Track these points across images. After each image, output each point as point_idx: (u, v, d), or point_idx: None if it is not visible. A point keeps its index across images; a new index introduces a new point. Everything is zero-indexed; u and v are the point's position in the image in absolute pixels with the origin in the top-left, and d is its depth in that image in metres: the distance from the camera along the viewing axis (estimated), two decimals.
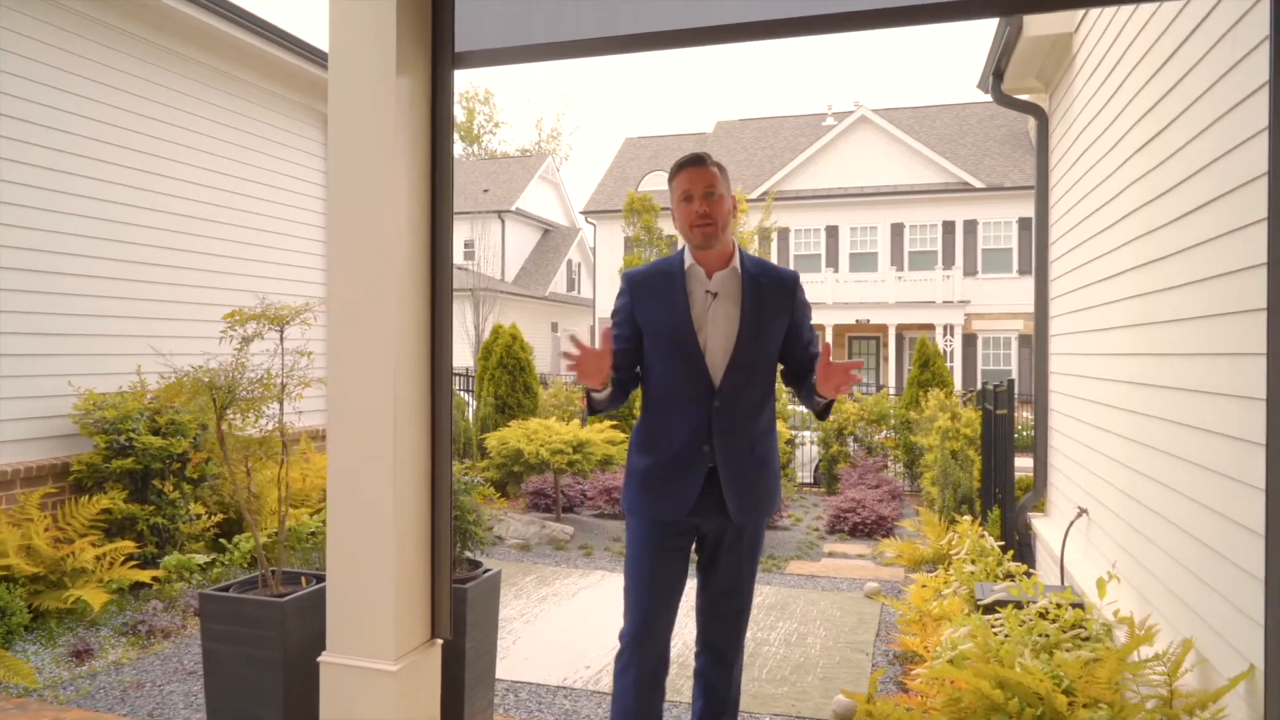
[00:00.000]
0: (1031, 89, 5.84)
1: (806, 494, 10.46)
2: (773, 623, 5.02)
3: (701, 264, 2.48)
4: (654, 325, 2.48)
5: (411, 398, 2.61)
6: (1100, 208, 4.28)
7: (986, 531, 5.79)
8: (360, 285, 2.54)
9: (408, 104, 2.60)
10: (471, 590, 2.96)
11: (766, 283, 2.50)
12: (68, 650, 4.20)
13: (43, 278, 5.02)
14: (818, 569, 6.44)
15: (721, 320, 2.45)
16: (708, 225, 2.42)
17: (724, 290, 2.47)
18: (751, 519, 2.50)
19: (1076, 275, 4.81)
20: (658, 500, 2.47)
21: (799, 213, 22.97)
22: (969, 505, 6.52)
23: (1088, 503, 4.43)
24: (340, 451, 2.55)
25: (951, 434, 7.46)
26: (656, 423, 2.50)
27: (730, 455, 2.44)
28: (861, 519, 7.82)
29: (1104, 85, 4.23)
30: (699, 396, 2.43)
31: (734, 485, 2.44)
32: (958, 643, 3.58)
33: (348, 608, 2.55)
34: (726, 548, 2.52)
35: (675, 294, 2.46)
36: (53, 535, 4.66)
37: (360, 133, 2.56)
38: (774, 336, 2.48)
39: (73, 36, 5.26)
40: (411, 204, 2.62)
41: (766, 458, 2.53)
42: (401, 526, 2.56)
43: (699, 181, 2.43)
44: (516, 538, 7.24)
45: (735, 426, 2.44)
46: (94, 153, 5.39)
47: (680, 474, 2.44)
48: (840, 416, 10.72)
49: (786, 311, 2.51)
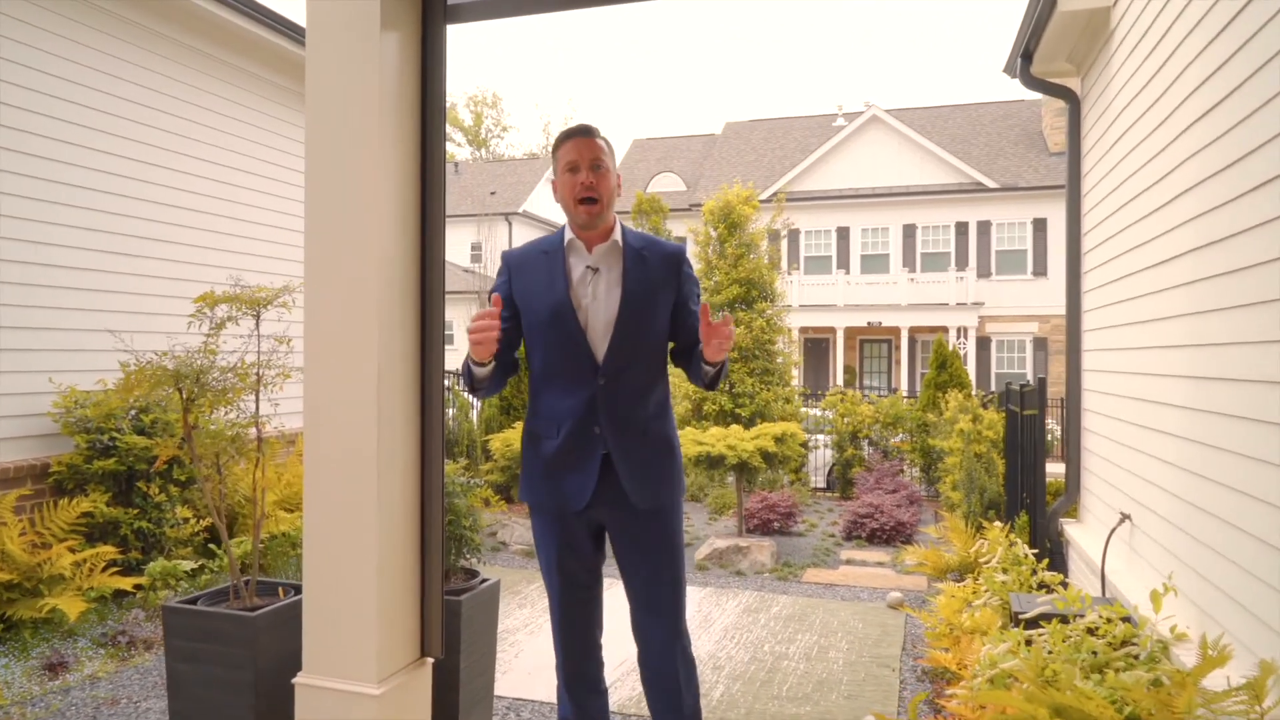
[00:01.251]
0: (1062, 73, 5.55)
1: (820, 499, 10.16)
2: (791, 635, 4.73)
3: (582, 239, 2.39)
4: (534, 305, 2.38)
5: (398, 391, 2.34)
6: (1143, 192, 3.99)
7: (1014, 536, 5.49)
8: (338, 268, 2.27)
9: (395, 63, 2.33)
10: (467, 602, 2.68)
11: (650, 256, 2.41)
12: (41, 663, 3.94)
13: (18, 268, 4.78)
14: (836, 577, 6.15)
15: (603, 296, 2.35)
16: (592, 203, 2.32)
17: (605, 265, 2.38)
18: (654, 502, 2.37)
19: (1115, 265, 4.52)
20: (556, 490, 2.36)
21: (809, 214, 22.66)
22: (995, 510, 6.21)
23: (1131, 508, 4.13)
24: (317, 450, 2.28)
25: (974, 436, 7.15)
26: (544, 408, 2.39)
27: (623, 437, 2.34)
28: (880, 525, 7.51)
29: (1148, 60, 3.95)
30: (583, 377, 2.33)
31: (630, 467, 2.33)
32: (998, 660, 3.29)
33: (326, 623, 2.28)
34: (636, 537, 2.40)
35: (555, 272, 2.37)
36: (30, 540, 4.41)
37: (340, 94, 2.29)
38: (660, 312, 2.39)
39: (42, 11, 4.97)
40: (399, 179, 2.35)
41: (663, 439, 2.42)
42: (386, 532, 2.29)
43: (586, 153, 2.33)
44: (521, 543, 6.96)
45: (624, 407, 2.34)
46: (69, 136, 5.13)
47: (575, 460, 2.34)
48: (855, 419, 10.43)
49: (672, 286, 2.41)
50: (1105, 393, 4.76)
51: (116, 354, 4.89)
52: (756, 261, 10.27)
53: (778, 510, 7.73)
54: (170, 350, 2.65)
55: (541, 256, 2.41)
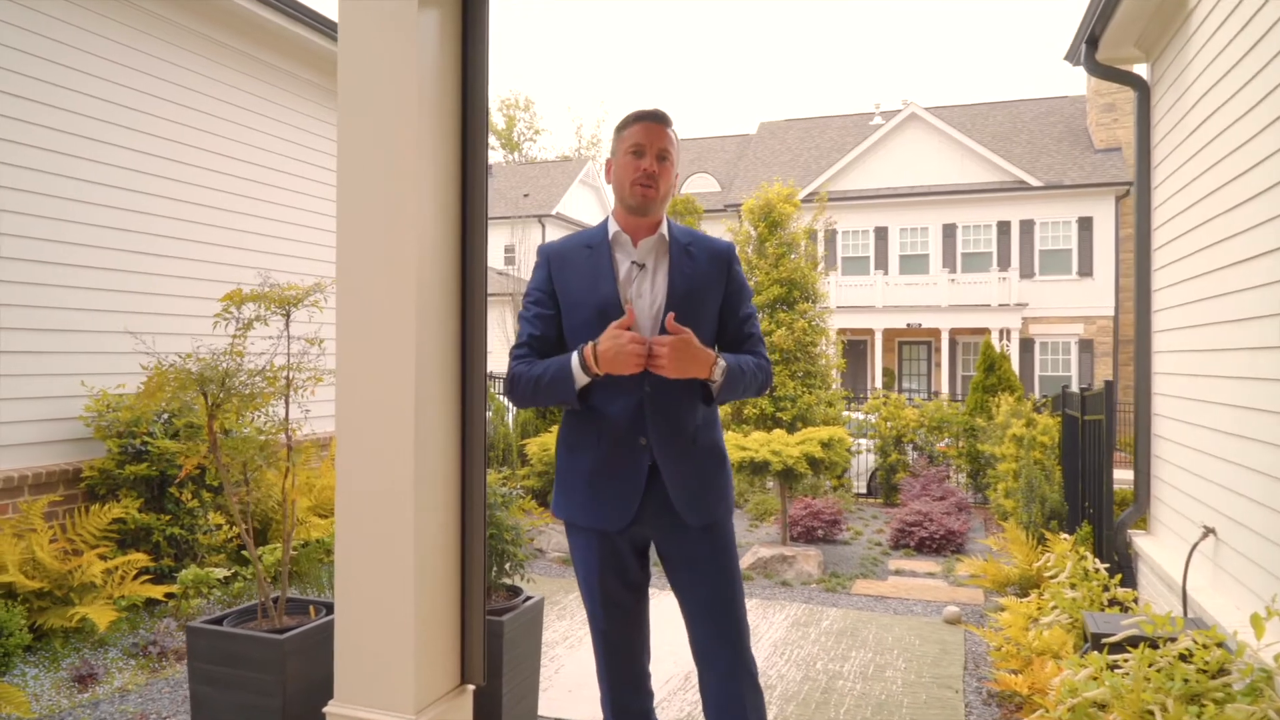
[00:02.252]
0: (1130, 59, 5.26)
1: (864, 505, 9.87)
2: (844, 652, 4.49)
3: (628, 231, 2.22)
4: (577, 303, 2.19)
5: (437, 398, 2.16)
6: (1229, 182, 3.71)
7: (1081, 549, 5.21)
8: (372, 268, 2.10)
9: (434, 43, 2.15)
10: (510, 623, 2.49)
11: (698, 252, 2.24)
12: (70, 674, 3.83)
13: (51, 269, 4.69)
14: (886, 589, 5.89)
15: (648, 293, 2.18)
16: (649, 187, 2.15)
17: (651, 260, 2.21)
18: (706, 517, 2.18)
19: (1192, 262, 4.23)
20: (597, 507, 2.17)
21: (847, 214, 22.29)
22: (1057, 520, 5.92)
23: (1216, 521, 3.84)
24: (350, 461, 2.11)
25: (1029, 442, 6.85)
26: (585, 418, 2.18)
27: (671, 447, 2.15)
28: (929, 534, 7.23)
29: (1235, 40, 3.67)
30: (629, 381, 2.11)
31: (679, 480, 2.14)
32: (1079, 688, 3.04)
33: (359, 648, 2.11)
34: (689, 558, 2.19)
35: (600, 267, 2.19)
36: (61, 547, 4.31)
37: (374, 78, 2.11)
38: (708, 312, 2.22)
39: (71, 6, 4.85)
40: (437, 170, 2.17)
41: (713, 449, 2.23)
42: (424, 549, 2.11)
43: (655, 140, 2.17)
44: (558, 550, 6.78)
45: (673, 414, 2.15)
46: (92, 131, 5.00)
47: (618, 473, 2.15)
48: (898, 423, 10.13)
49: (720, 284, 2.25)
50: (1180, 397, 4.46)
51: (138, 356, 4.78)
52: (797, 261, 10.02)
53: (822, 518, 7.48)
54: (194, 352, 2.50)
55: (584, 251, 2.24)
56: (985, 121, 23.59)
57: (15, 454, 4.44)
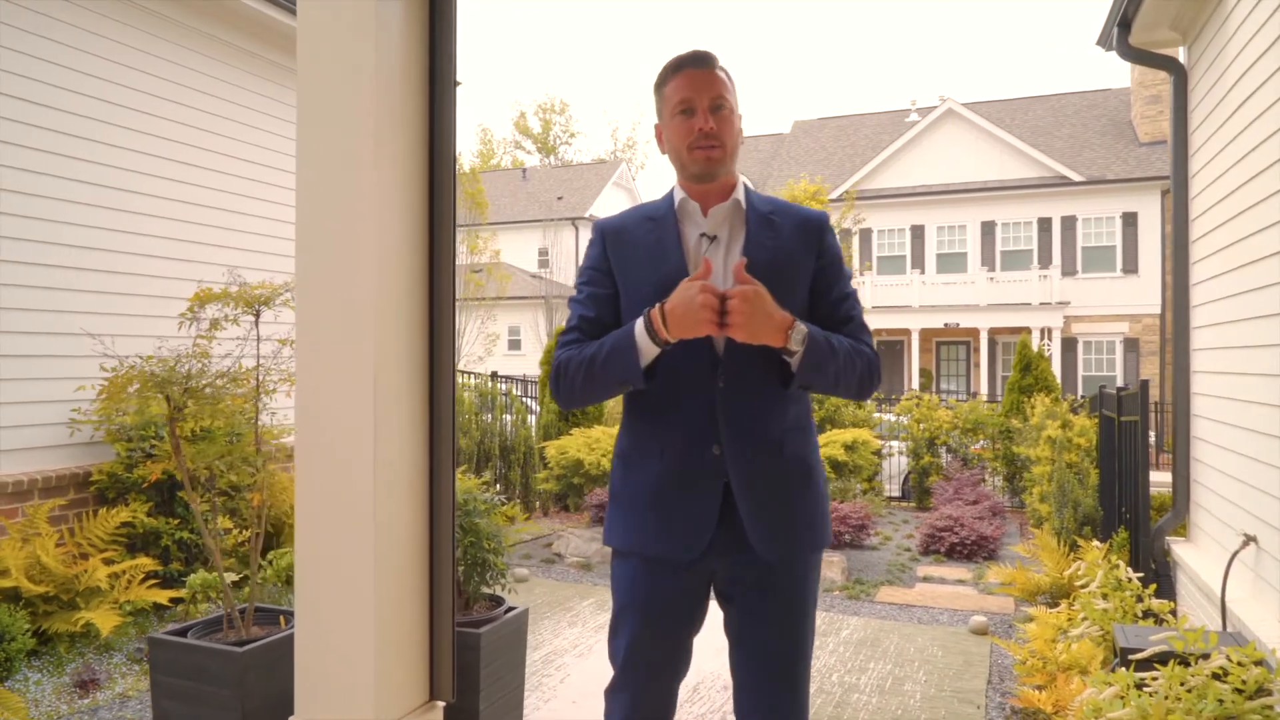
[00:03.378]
0: (1165, 42, 5.00)
1: (895, 509, 9.63)
2: (863, 663, 4.31)
3: (696, 198, 1.86)
4: (636, 284, 1.82)
5: (400, 402, 2.05)
6: (1272, 165, 3.47)
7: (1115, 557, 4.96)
8: (329, 266, 2.00)
9: (396, 36, 2.05)
10: (488, 636, 2.38)
11: (782, 221, 1.87)
12: (73, 679, 3.81)
13: (63, 273, 4.70)
14: (913, 596, 5.68)
15: (722, 270, 1.80)
16: (714, 146, 1.78)
17: (725, 230, 1.85)
18: (787, 553, 1.78)
19: (1233, 253, 3.99)
20: (660, 532, 1.78)
21: (882, 212, 21.93)
22: (1091, 526, 5.66)
23: (1257, 529, 3.60)
24: (308, 465, 2.01)
25: (1064, 444, 6.59)
26: (645, 424, 1.84)
27: (748, 457, 1.75)
28: (960, 539, 7.00)
29: (1275, 17, 3.44)
30: (698, 376, 1.76)
31: (756, 503, 1.74)
32: (1103, 709, 2.84)
33: (318, 662, 2.01)
34: (756, 600, 1.80)
35: (665, 240, 1.83)
36: (69, 551, 4.31)
37: (331, 74, 2.02)
38: (796, 290, 1.81)
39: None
40: (399, 167, 2.07)
41: (800, 463, 1.82)
42: (386, 559, 2.00)
43: (704, 89, 1.79)
44: (576, 555, 6.68)
45: (752, 416, 1.76)
46: (43, 121, 4.66)
47: (686, 491, 1.77)
48: (931, 425, 9.86)
49: (809, 259, 1.84)
50: (1221, 396, 4.22)
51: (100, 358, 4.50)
52: None
53: (849, 522, 7.28)
54: (155, 353, 2.43)
55: (646, 224, 1.89)
56: (1025, 116, 23.07)
57: (25, 458, 4.43)
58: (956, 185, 21.48)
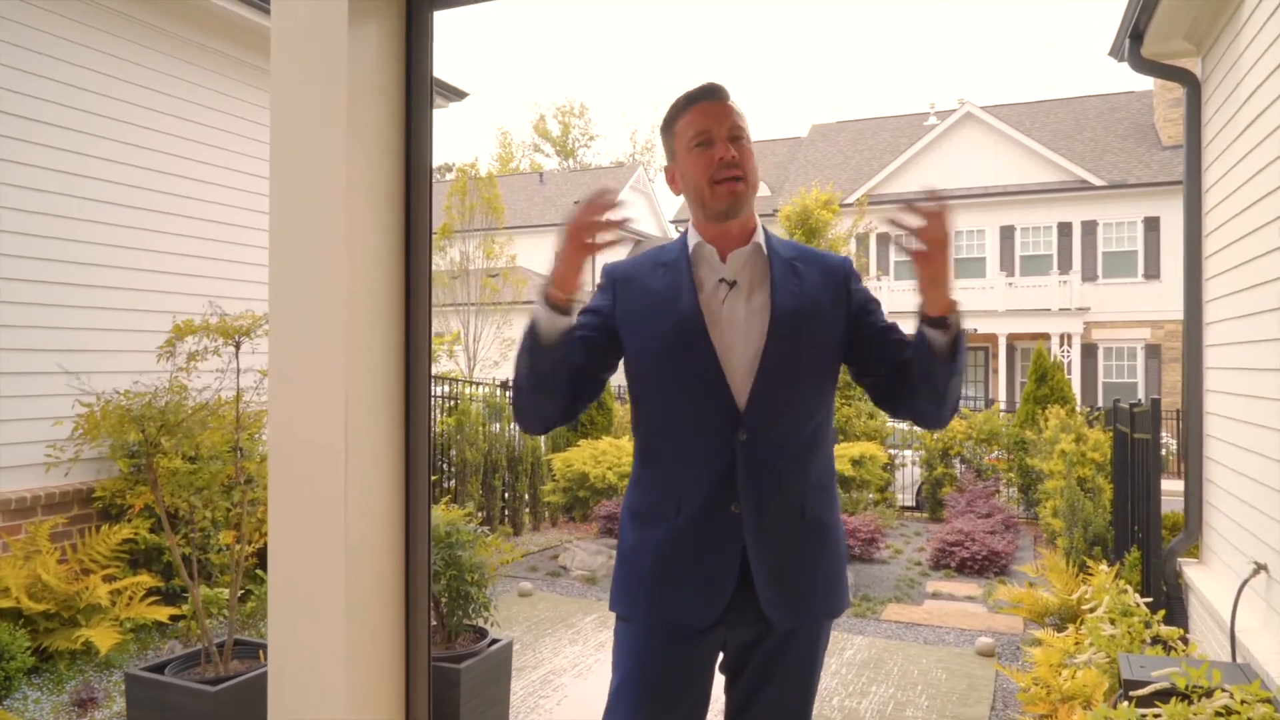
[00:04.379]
0: (1179, 53, 4.90)
1: (908, 520, 9.53)
2: (864, 686, 4.25)
3: (714, 242, 1.72)
4: (647, 330, 1.69)
5: (374, 430, 2.03)
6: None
7: (1124, 579, 4.86)
8: (300, 291, 1.98)
9: (372, 57, 2.03)
10: (468, 671, 2.35)
11: (806, 268, 1.74)
12: (72, 698, 3.82)
13: (74, 291, 4.72)
14: (920, 615, 5.61)
15: (743, 318, 1.67)
16: (736, 180, 1.64)
17: (745, 276, 1.71)
18: (803, 622, 1.67)
19: (1250, 269, 3.89)
20: (672, 597, 1.65)
21: None
22: (1102, 546, 5.56)
23: (1267, 556, 3.51)
24: (280, 498, 1.99)
25: (1077, 459, 6.48)
26: (659, 478, 1.71)
27: (769, 521, 1.63)
28: (971, 554, 6.90)
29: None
30: (716, 429, 1.63)
31: (776, 569, 1.63)
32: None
33: (290, 701, 1.98)
34: (767, 667, 1.69)
35: (679, 286, 1.68)
36: (71, 568, 4.33)
37: (303, 98, 2.00)
38: (823, 342, 1.71)
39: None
40: (374, 190, 2.04)
41: (824, 525, 1.71)
42: (357, 592, 1.97)
43: (721, 119, 1.67)
44: (582, 568, 6.65)
45: (774, 473, 1.64)
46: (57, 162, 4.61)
47: (702, 553, 1.64)
48: (945, 435, 9.75)
49: (840, 304, 1.73)
50: (1235, 419, 4.12)
51: None
52: None
53: (858, 536, 7.20)
54: (131, 388, 2.42)
55: (658, 269, 1.76)
56: (1045, 119, 22.82)
57: (29, 474, 4.45)
58: (975, 190, 21.28)
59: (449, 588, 2.49)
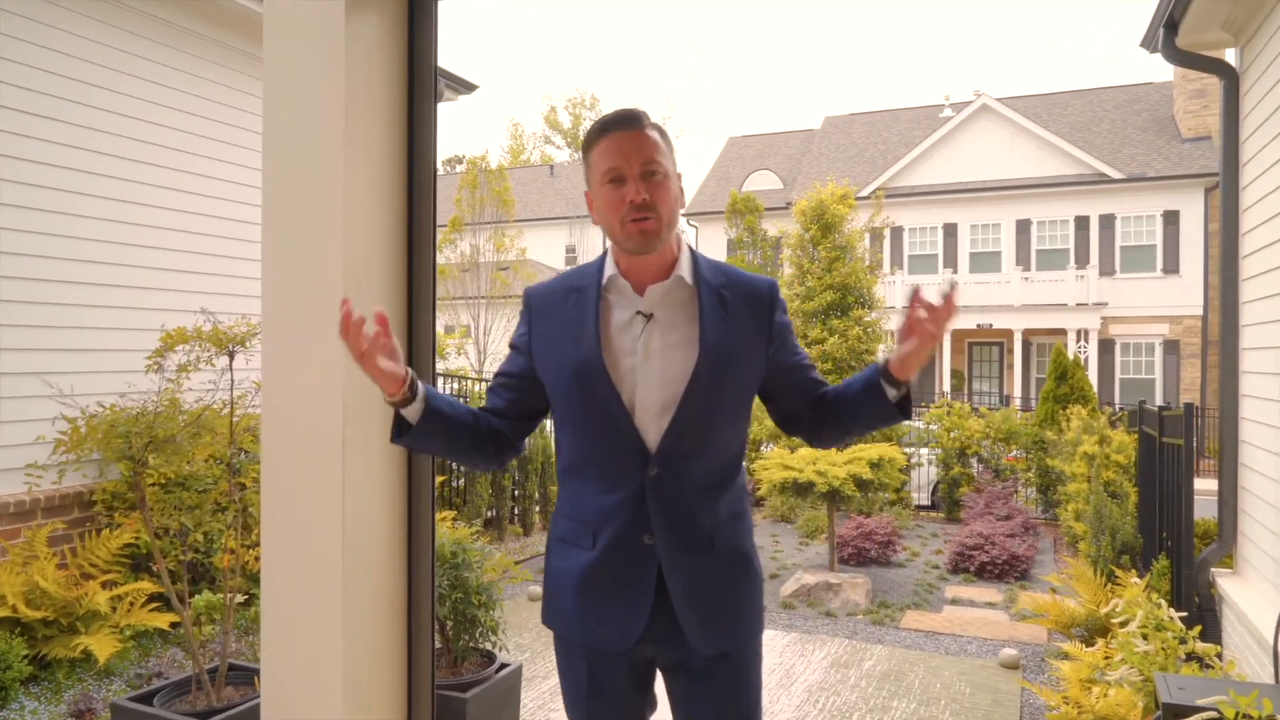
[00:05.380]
0: (1216, 43, 4.71)
1: (924, 521, 9.38)
2: (885, 699, 4.11)
3: (628, 275, 1.68)
4: (556, 368, 1.68)
5: (373, 441, 1.90)
6: None
7: (1153, 589, 4.70)
8: (296, 292, 1.85)
9: (371, 50, 1.90)
10: (475, 701, 2.22)
11: (732, 297, 1.70)
12: (69, 707, 3.72)
13: (74, 289, 4.61)
14: (940, 623, 5.46)
15: (658, 354, 1.64)
16: (647, 219, 1.59)
17: (664, 310, 1.67)
18: (723, 645, 1.69)
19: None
20: (591, 621, 1.69)
21: (914, 210, 21.51)
22: (1130, 555, 5.39)
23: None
24: (274, 517, 1.87)
25: (1101, 462, 6.30)
26: (575, 505, 1.72)
27: (681, 549, 1.65)
28: (990, 558, 6.75)
29: None
30: (627, 466, 1.64)
31: (691, 595, 1.65)
32: None
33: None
34: (696, 685, 1.71)
35: (584, 320, 1.66)
36: (69, 574, 4.22)
37: (298, 92, 1.87)
38: (745, 375, 1.70)
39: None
40: (374, 191, 1.91)
41: (736, 554, 1.72)
42: (356, 617, 1.85)
43: (634, 154, 1.60)
44: None
45: (686, 507, 1.66)
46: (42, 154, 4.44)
47: (619, 582, 1.66)
48: (962, 434, 9.58)
49: (763, 337, 1.70)
50: (1272, 425, 3.95)
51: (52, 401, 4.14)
52: (853, 265, 9.54)
53: (875, 538, 7.06)
54: (120, 400, 2.30)
55: (570, 296, 1.73)
56: (1063, 111, 22.50)
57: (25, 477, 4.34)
58: (991, 183, 21.00)
59: (455, 610, 2.37)
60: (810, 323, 9.49)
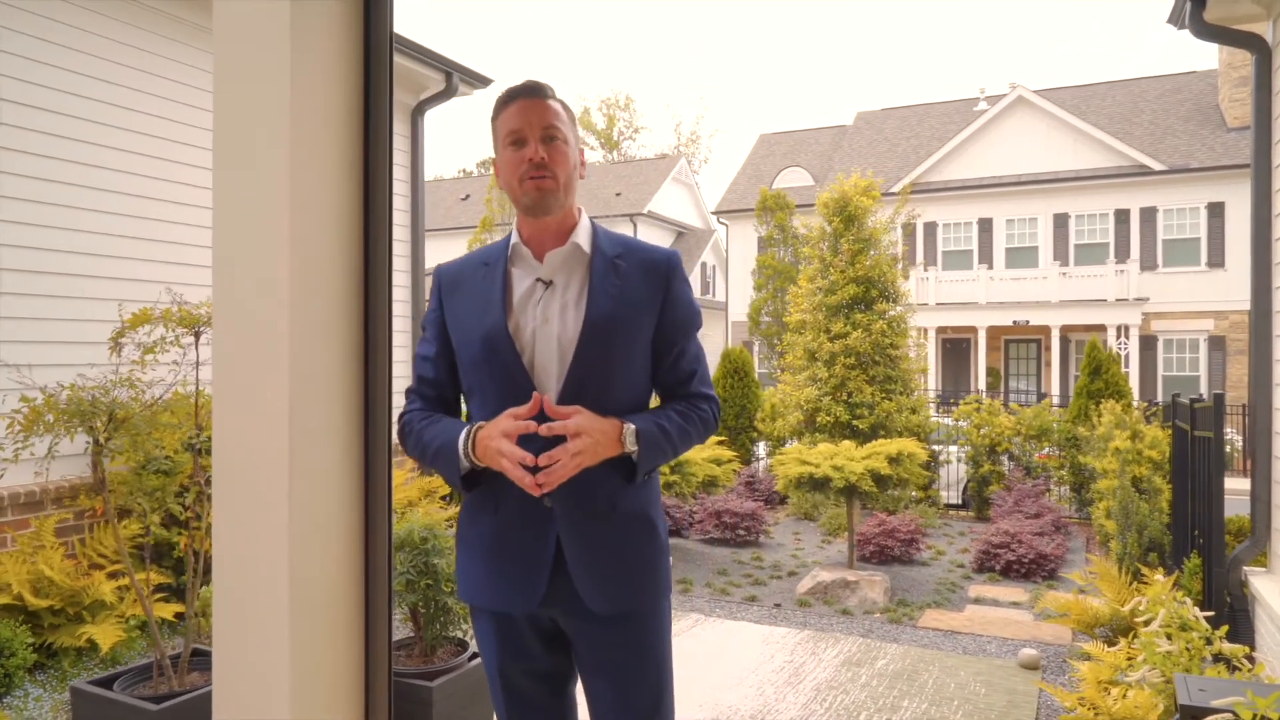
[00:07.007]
0: (1247, 16, 4.51)
1: (952, 519, 9.17)
2: (895, 699, 3.98)
3: (530, 242, 1.77)
4: (465, 336, 1.77)
5: (325, 428, 1.84)
6: None
7: (1183, 588, 4.51)
8: (244, 276, 1.80)
9: (322, 26, 1.84)
10: (441, 690, 2.15)
11: (628, 265, 1.78)
12: (72, 696, 3.74)
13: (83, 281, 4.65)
14: (960, 622, 5.30)
15: (556, 318, 1.72)
16: (544, 177, 1.68)
17: (561, 276, 1.76)
18: (619, 606, 1.71)
19: None
20: (497, 585, 1.74)
21: (948, 205, 21.15)
22: (1158, 552, 5.19)
23: None
24: (225, 499, 1.82)
25: (1132, 457, 6.09)
26: (480, 472, 1.73)
27: (579, 513, 1.70)
28: (1016, 556, 6.55)
29: None
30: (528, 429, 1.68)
31: (586, 558, 1.70)
32: None
33: (233, 716, 1.81)
34: (599, 652, 1.74)
35: (491, 289, 1.75)
36: (78, 563, 4.26)
37: (246, 70, 1.81)
38: (638, 342, 1.76)
39: None
40: (327, 172, 1.85)
41: (638, 517, 1.75)
42: (305, 602, 1.79)
43: (535, 119, 1.70)
44: None
45: (584, 471, 1.67)
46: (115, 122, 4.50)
47: (521, 544, 1.72)
48: (994, 431, 9.35)
49: (654, 307, 1.76)
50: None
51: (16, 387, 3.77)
52: (877, 258, 9.35)
53: (897, 536, 6.90)
54: (75, 382, 2.27)
55: (479, 269, 1.83)
56: (1102, 102, 21.96)
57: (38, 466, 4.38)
58: (1027, 176, 20.57)
59: (425, 597, 2.31)
60: (834, 317, 9.32)
